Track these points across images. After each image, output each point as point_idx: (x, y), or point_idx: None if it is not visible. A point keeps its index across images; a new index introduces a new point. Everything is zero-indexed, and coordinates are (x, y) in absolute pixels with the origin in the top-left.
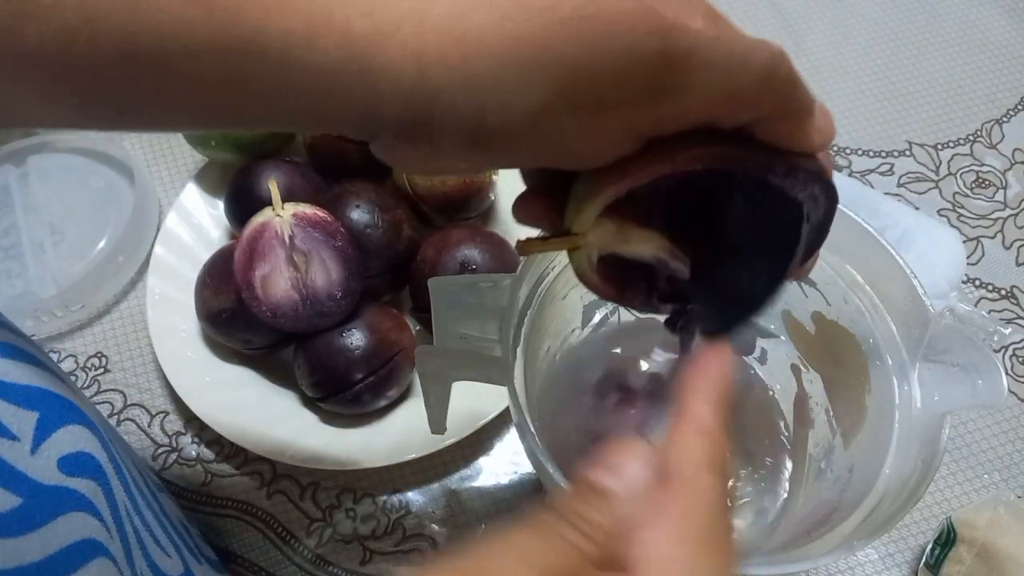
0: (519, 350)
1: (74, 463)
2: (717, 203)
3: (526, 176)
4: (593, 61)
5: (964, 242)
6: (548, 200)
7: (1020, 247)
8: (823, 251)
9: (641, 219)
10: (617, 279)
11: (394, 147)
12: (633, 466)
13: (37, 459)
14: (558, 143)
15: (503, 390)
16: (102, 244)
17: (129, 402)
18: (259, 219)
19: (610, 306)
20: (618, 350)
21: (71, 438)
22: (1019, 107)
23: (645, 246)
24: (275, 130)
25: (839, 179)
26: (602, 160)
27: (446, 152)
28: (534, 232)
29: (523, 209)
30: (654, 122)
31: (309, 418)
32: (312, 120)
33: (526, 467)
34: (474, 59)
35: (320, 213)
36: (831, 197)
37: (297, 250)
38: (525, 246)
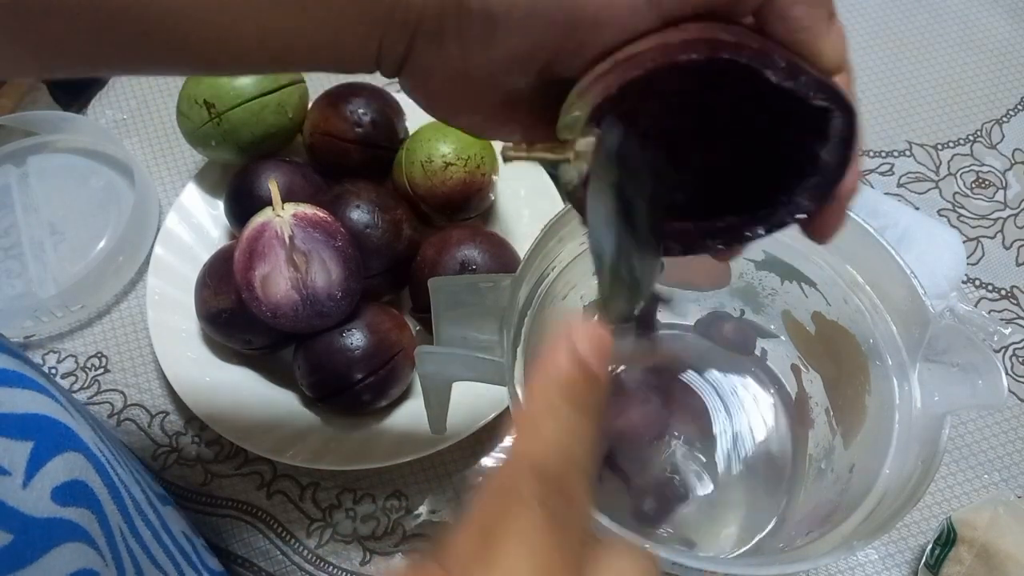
0: (519, 350)
1: (68, 492)
2: (717, 105)
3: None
4: None
5: (964, 242)
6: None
7: (1020, 247)
8: (823, 251)
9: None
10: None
11: (427, 65)
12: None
13: (30, 492)
14: (576, 14)
15: (503, 390)
16: (102, 244)
17: (129, 402)
18: (259, 219)
19: None
20: (617, 350)
21: (66, 466)
22: (1019, 107)
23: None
24: (283, 68)
25: None
26: (616, 32)
27: (474, 52)
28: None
29: (510, 146)
30: None
31: (309, 418)
32: (334, 53)
33: None
34: None
35: (320, 213)
36: (846, 111)
37: (297, 250)
38: (509, 152)
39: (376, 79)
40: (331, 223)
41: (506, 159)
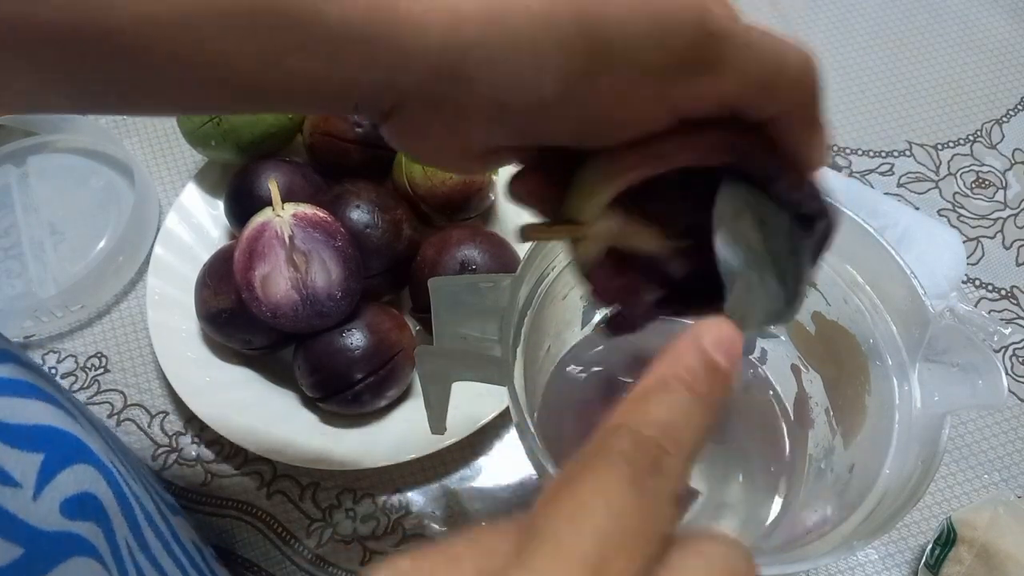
0: (519, 350)
1: (77, 506)
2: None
3: (524, 155)
4: (632, 26)
5: (964, 242)
6: (546, 178)
7: (1020, 247)
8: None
9: (650, 214)
10: (619, 278)
11: (414, 121)
12: None
13: (39, 505)
14: (588, 111)
15: (503, 390)
16: (102, 244)
17: (129, 402)
18: (259, 219)
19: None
20: (618, 350)
21: (75, 478)
22: (1019, 107)
23: (655, 243)
24: (279, 110)
25: (839, 179)
26: (629, 132)
27: (471, 122)
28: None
29: (520, 185)
30: (688, 96)
31: (309, 418)
32: (327, 89)
33: (526, 467)
34: (512, 15)
35: (320, 213)
36: (832, 220)
37: (297, 250)
38: (529, 231)
39: None
40: (331, 223)
41: (525, 238)
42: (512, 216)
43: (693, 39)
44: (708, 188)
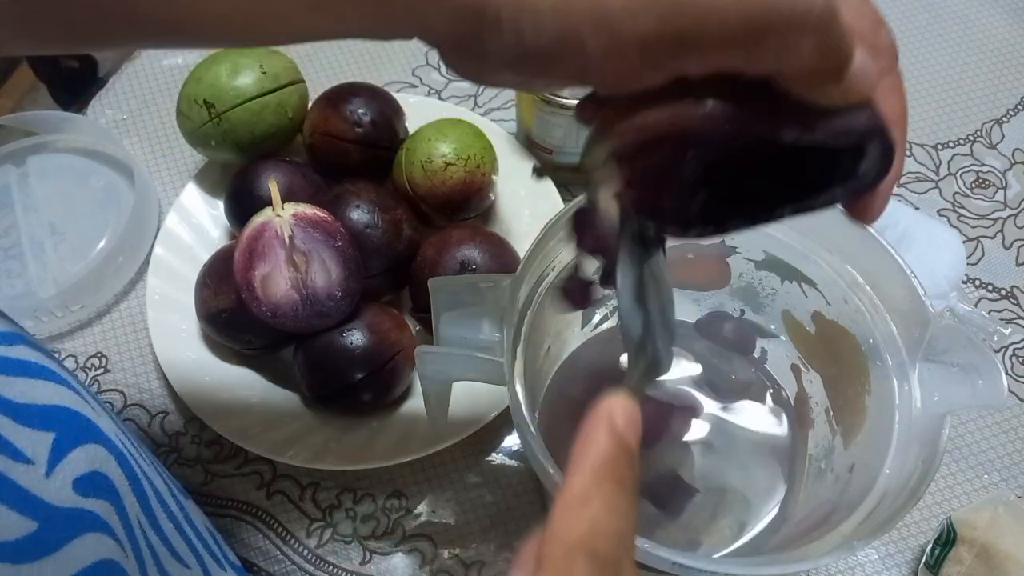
0: (519, 350)
1: (89, 484)
2: (733, 161)
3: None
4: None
5: (964, 242)
6: (609, 105)
7: (1020, 247)
8: (823, 251)
9: (642, 176)
10: (595, 231)
11: (452, 61)
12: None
13: (52, 482)
14: (584, 65)
15: (503, 390)
16: (102, 244)
17: (129, 402)
18: (259, 219)
19: (610, 306)
20: (618, 350)
21: (87, 457)
22: (1019, 107)
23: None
24: (322, 38)
25: None
26: (626, 85)
27: (494, 67)
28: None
29: (582, 109)
30: (674, 46)
31: (309, 418)
32: (379, 25)
33: (526, 467)
34: None
35: (320, 213)
36: (878, 138)
37: (297, 250)
38: (541, 171)
39: (376, 79)
40: (331, 223)
41: (537, 176)
42: (512, 216)
43: None
44: (701, 159)
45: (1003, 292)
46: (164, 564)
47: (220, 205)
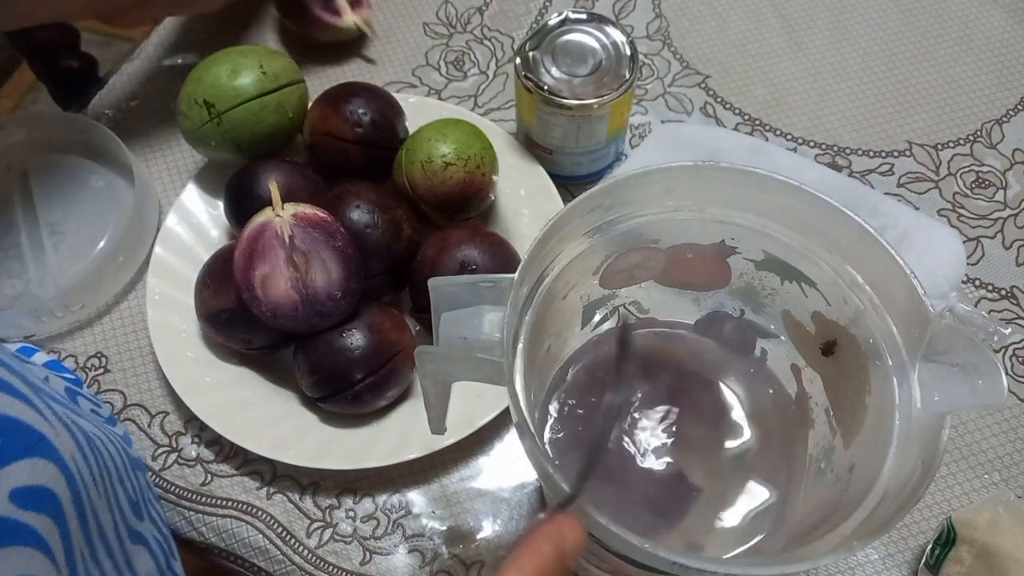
0: (519, 350)
1: (31, 497)
2: None
3: None
4: None
5: (964, 242)
6: None
7: (1020, 247)
8: (823, 251)
9: None
10: None
11: None
12: None
13: None
14: None
15: (503, 390)
16: (102, 244)
17: (129, 402)
18: (259, 219)
19: (610, 306)
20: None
21: (32, 471)
22: (1019, 107)
23: None
24: None
25: (840, 179)
26: None
27: None
28: None
29: None
30: None
31: (309, 418)
32: None
33: (526, 467)
34: None
35: (320, 213)
36: None
37: (297, 250)
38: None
39: (376, 79)
40: (331, 223)
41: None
42: (512, 216)
43: None
44: None
45: (1003, 292)
46: None
47: (220, 205)
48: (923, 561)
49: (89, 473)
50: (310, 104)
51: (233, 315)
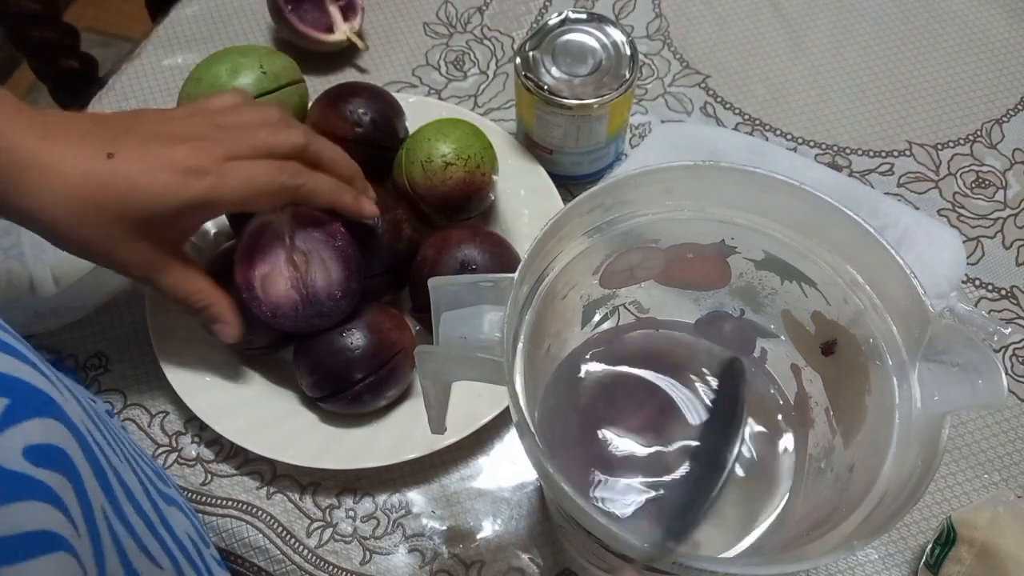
0: (519, 350)
1: (43, 455)
2: None
3: None
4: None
5: (964, 242)
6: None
7: (1020, 247)
8: (823, 251)
9: None
10: None
11: None
12: None
13: (1, 441)
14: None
15: (503, 390)
16: None
17: (129, 402)
18: (259, 219)
19: (610, 306)
20: (618, 350)
21: (43, 429)
22: (1019, 107)
23: None
24: None
25: (840, 179)
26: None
27: None
28: None
29: None
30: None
31: (309, 418)
32: None
33: (526, 467)
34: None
35: (320, 213)
36: None
37: (297, 250)
38: None
39: (376, 79)
40: (331, 223)
41: None
42: (512, 216)
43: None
44: None
45: (1003, 292)
46: (129, 555)
47: None
48: (923, 561)
49: (102, 436)
50: (310, 104)
51: None
